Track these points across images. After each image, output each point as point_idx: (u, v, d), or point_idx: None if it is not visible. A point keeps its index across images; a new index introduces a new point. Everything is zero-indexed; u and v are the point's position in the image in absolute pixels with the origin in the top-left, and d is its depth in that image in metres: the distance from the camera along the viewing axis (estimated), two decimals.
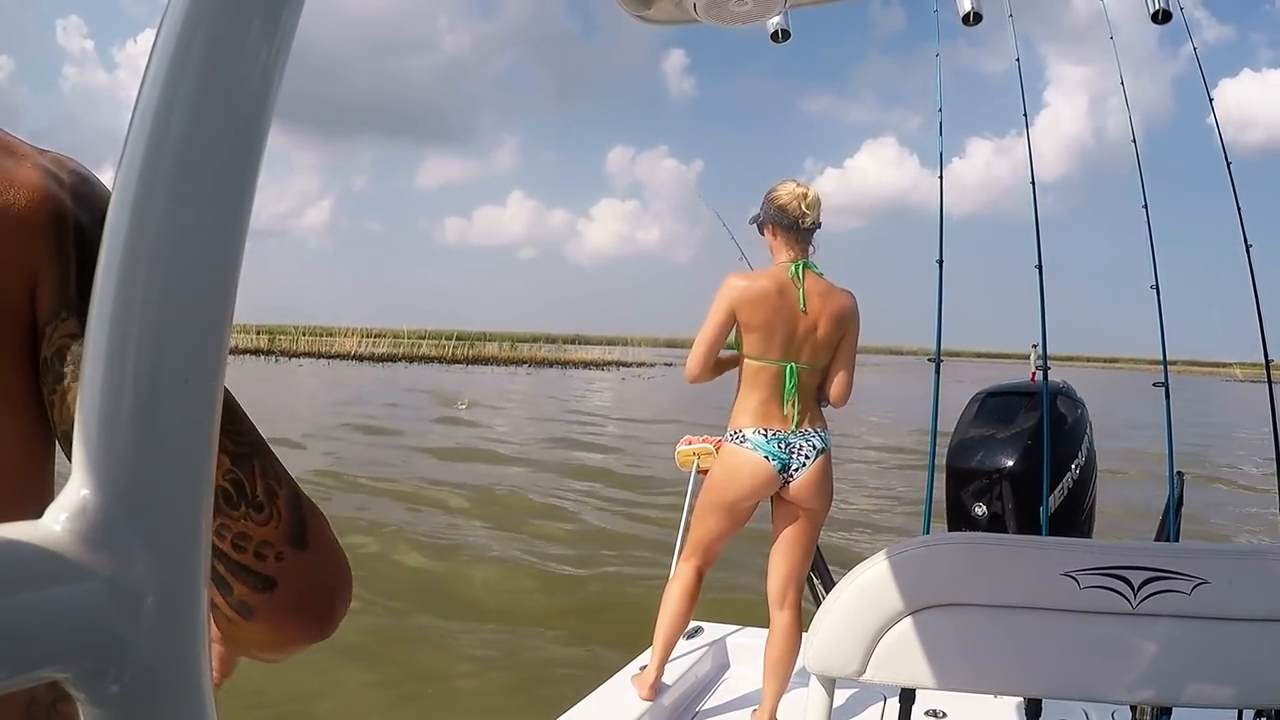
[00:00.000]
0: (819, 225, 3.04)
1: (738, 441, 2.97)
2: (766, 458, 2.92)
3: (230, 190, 0.35)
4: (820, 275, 3.03)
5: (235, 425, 0.60)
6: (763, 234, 3.11)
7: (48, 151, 0.67)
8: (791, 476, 2.94)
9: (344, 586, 0.61)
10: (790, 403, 2.94)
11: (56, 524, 0.33)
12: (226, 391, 0.68)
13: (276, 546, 0.57)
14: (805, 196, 2.99)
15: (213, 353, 0.35)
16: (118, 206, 0.34)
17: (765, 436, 2.93)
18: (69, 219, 0.63)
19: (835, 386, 3.05)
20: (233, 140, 0.34)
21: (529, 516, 9.22)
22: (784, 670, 3.01)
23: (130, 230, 0.33)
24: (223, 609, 0.58)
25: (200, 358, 0.35)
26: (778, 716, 3.02)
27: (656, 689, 3.08)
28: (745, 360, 2.99)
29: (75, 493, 0.33)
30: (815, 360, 2.99)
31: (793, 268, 2.98)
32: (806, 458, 2.94)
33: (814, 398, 3.04)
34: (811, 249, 3.05)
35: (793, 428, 2.95)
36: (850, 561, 1.30)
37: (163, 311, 0.34)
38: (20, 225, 0.60)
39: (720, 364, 3.06)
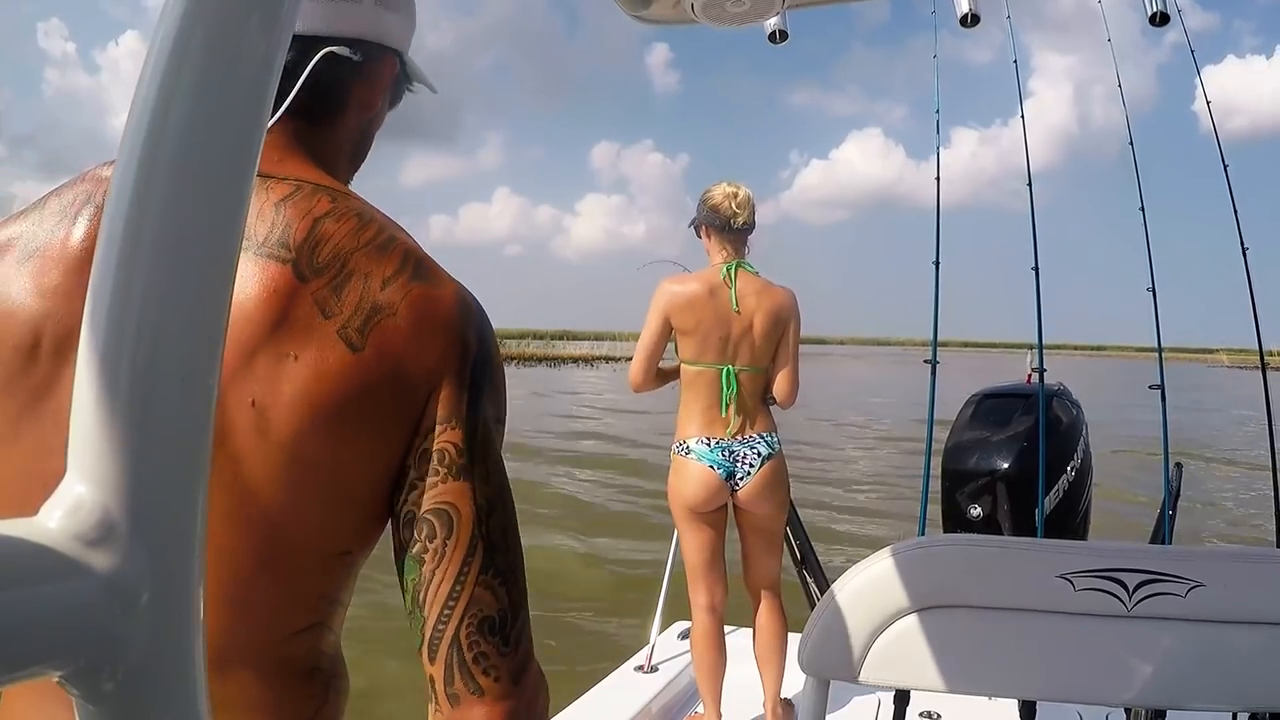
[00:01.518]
0: (752, 226, 3.02)
1: (683, 453, 2.95)
2: (711, 466, 2.90)
3: (228, 187, 0.35)
4: (755, 274, 2.99)
5: (519, 579, 0.79)
6: (700, 236, 3.08)
7: (455, 281, 0.83)
8: (738, 485, 2.92)
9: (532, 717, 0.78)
10: (729, 407, 2.90)
11: (51, 521, 0.33)
12: (520, 547, 0.79)
13: (501, 673, 0.75)
14: (736, 196, 2.98)
15: (208, 350, 0.35)
16: (115, 202, 0.34)
17: (709, 445, 2.91)
18: (472, 347, 0.80)
19: (780, 386, 3.00)
20: (230, 137, 0.34)
21: None
22: (776, 660, 3.04)
23: (127, 226, 0.33)
24: (438, 691, 0.75)
25: (196, 355, 0.35)
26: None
27: None
28: (683, 366, 2.96)
29: (70, 490, 0.33)
30: (755, 361, 2.94)
31: (724, 268, 2.95)
32: (751, 466, 2.92)
33: (758, 400, 2.99)
34: (747, 249, 3.03)
35: (731, 433, 2.91)
36: (844, 564, 1.30)
37: (159, 308, 0.34)
38: (437, 336, 0.78)
39: (664, 374, 3.04)
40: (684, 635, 3.75)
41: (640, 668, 3.42)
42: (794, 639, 3.22)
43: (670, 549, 3.76)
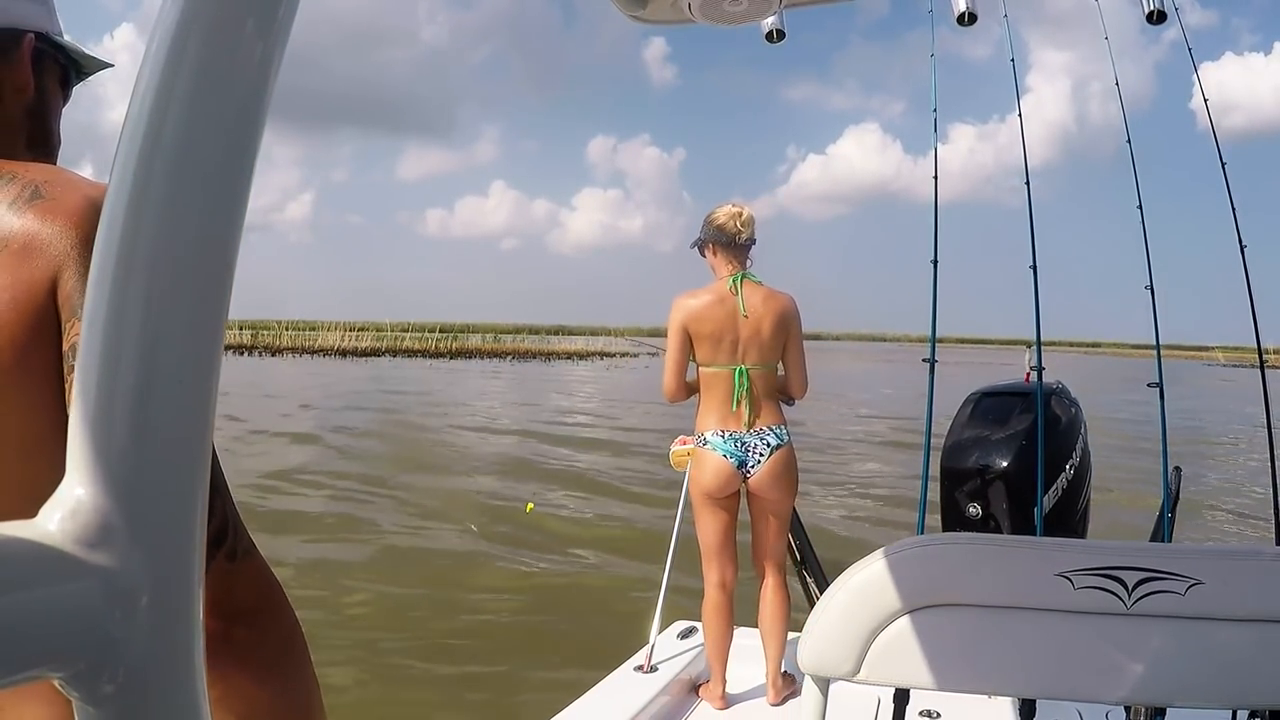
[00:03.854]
0: (754, 241, 3.34)
1: (701, 444, 3.28)
2: (725, 456, 3.22)
3: (225, 189, 0.35)
4: (759, 283, 3.30)
5: None
6: (704, 255, 3.39)
7: (94, 188, 0.81)
8: (749, 473, 3.24)
9: (242, 617, 0.77)
10: (741, 402, 3.22)
11: (51, 523, 0.33)
12: None
13: None
14: (740, 215, 3.31)
15: (207, 352, 0.35)
16: (112, 206, 0.34)
17: (723, 437, 3.24)
18: (91, 235, 0.72)
19: (792, 383, 3.35)
20: (227, 140, 0.34)
21: None
22: (778, 633, 3.30)
23: (125, 230, 0.33)
24: None
25: (195, 357, 0.35)
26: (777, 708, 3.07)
27: (725, 699, 3.36)
28: (700, 369, 3.29)
29: (70, 492, 0.33)
30: (763, 360, 3.26)
31: (731, 280, 3.27)
32: (761, 455, 3.23)
33: (769, 396, 3.29)
34: (749, 262, 3.33)
35: (745, 427, 3.23)
36: (843, 563, 1.30)
37: (157, 311, 0.34)
38: (53, 240, 0.76)
39: (691, 385, 3.36)
40: (683, 635, 3.76)
41: (640, 668, 3.42)
42: (793, 638, 3.24)
43: (669, 551, 3.77)
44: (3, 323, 0.75)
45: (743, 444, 3.22)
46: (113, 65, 1.03)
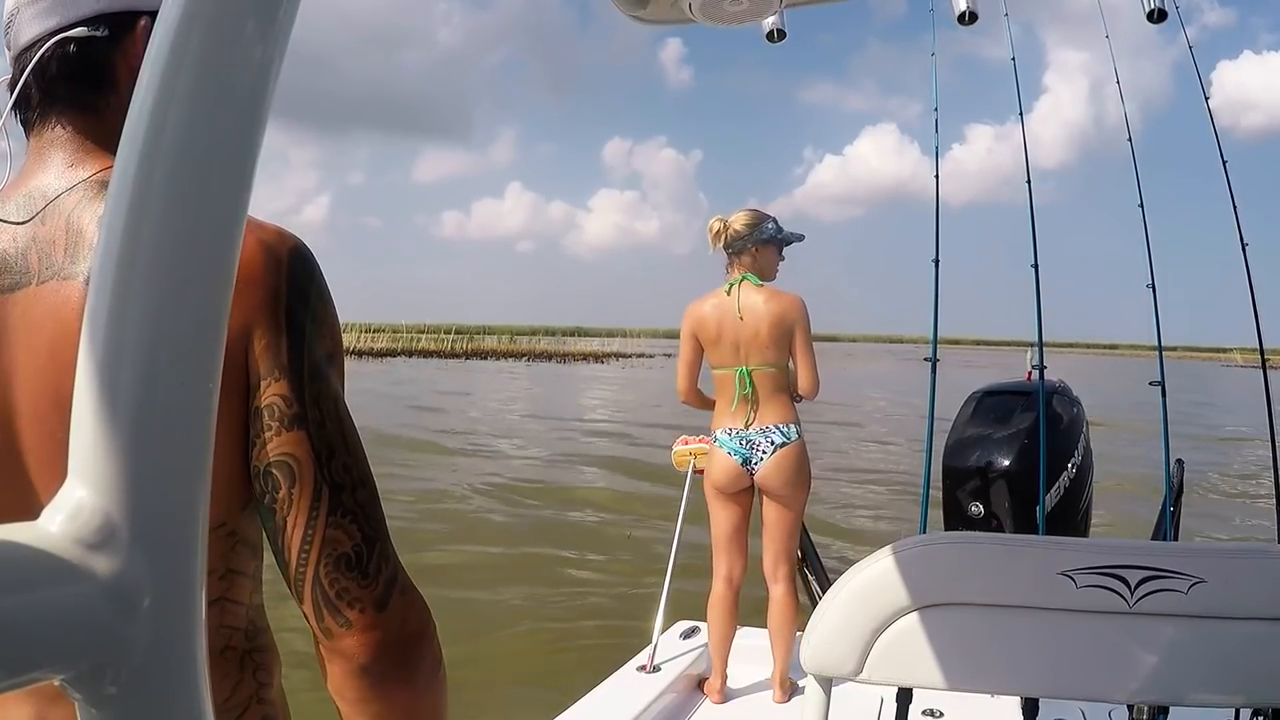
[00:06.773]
0: (738, 246, 3.41)
1: (714, 441, 3.42)
2: (730, 454, 3.35)
3: (226, 189, 0.35)
4: (759, 285, 3.38)
5: (371, 511, 0.82)
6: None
7: (269, 225, 0.84)
8: (754, 469, 3.34)
9: (410, 643, 0.83)
10: (743, 402, 3.33)
11: (53, 525, 0.33)
12: (372, 480, 0.81)
13: (365, 603, 0.80)
14: (712, 229, 3.43)
15: (208, 354, 0.35)
16: (114, 206, 0.34)
17: (729, 435, 3.36)
18: (281, 292, 0.81)
19: (801, 381, 3.41)
20: (229, 138, 0.34)
21: None
22: (785, 635, 3.36)
23: (126, 230, 0.33)
24: (312, 626, 0.80)
25: (196, 359, 0.35)
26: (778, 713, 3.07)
27: (723, 693, 3.44)
28: (712, 371, 3.42)
29: (71, 494, 0.33)
30: (766, 360, 3.33)
31: (729, 284, 3.39)
32: (765, 452, 3.32)
33: (776, 395, 3.36)
34: (750, 260, 3.40)
35: (746, 424, 3.34)
36: (846, 562, 1.30)
37: (158, 312, 0.34)
38: (239, 293, 0.78)
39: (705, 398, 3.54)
40: (686, 635, 3.76)
41: (642, 668, 3.42)
42: (798, 637, 3.25)
43: (671, 552, 3.77)
44: None
45: (747, 441, 3.33)
46: None
